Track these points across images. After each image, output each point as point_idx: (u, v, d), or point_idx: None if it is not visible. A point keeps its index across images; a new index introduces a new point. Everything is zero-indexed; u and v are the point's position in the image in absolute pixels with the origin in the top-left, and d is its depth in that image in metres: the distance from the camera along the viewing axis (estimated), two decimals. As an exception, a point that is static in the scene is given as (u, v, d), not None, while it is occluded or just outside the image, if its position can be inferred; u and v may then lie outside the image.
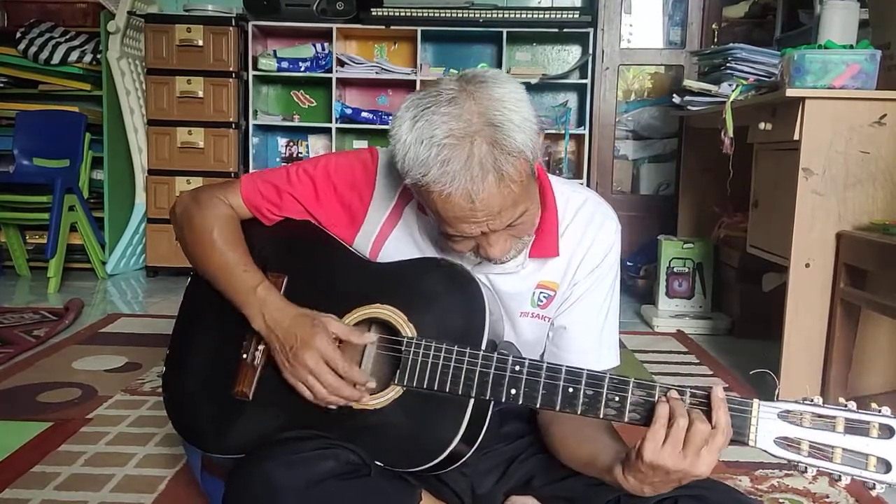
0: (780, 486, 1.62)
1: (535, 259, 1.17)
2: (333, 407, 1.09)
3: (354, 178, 1.20)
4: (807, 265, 2.09)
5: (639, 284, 3.69)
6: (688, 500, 1.03)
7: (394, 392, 1.08)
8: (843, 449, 0.87)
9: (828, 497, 1.57)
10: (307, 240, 1.22)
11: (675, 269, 3.23)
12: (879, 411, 0.88)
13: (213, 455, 1.19)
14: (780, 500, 1.56)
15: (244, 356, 1.16)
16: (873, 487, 0.87)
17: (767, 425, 0.90)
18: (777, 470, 1.70)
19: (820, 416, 0.89)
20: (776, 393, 0.95)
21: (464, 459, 1.08)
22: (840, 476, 0.88)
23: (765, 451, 0.90)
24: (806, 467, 0.89)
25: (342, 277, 1.18)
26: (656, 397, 0.94)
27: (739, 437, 0.91)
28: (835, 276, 2.07)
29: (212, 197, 1.23)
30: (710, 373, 2.51)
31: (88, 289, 3.67)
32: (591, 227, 1.18)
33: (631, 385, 0.96)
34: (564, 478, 1.15)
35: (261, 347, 1.15)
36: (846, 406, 0.89)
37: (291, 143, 4.27)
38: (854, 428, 0.88)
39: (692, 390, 0.94)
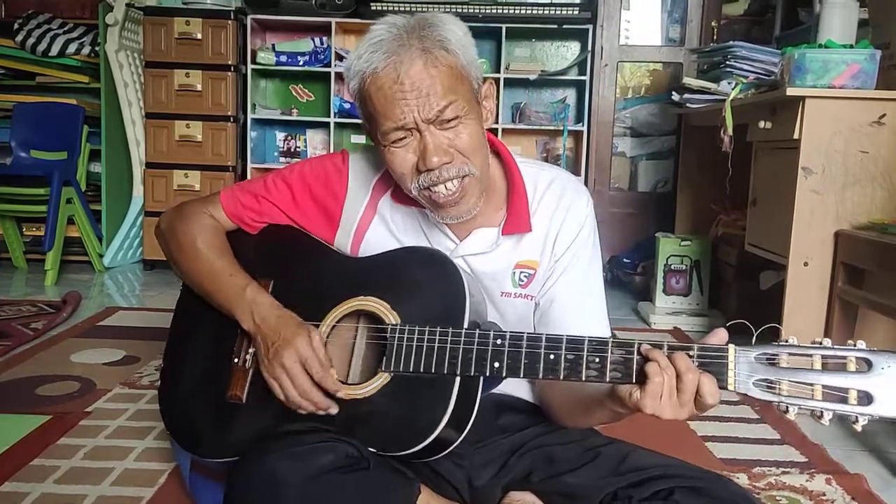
0: (778, 483, 1.63)
1: (509, 237, 1.20)
2: (303, 411, 1.10)
3: (328, 180, 1.25)
4: (805, 264, 2.10)
5: (636, 281, 3.70)
6: (684, 492, 1.05)
7: (381, 379, 1.09)
8: (823, 385, 0.88)
9: (824, 495, 1.58)
10: (289, 243, 1.26)
11: (672, 267, 3.24)
12: (854, 345, 0.89)
13: (210, 460, 1.19)
14: (778, 498, 1.56)
15: (235, 360, 1.18)
16: (856, 421, 0.88)
17: (745, 369, 0.92)
18: (774, 468, 1.71)
19: (796, 355, 0.90)
20: (753, 339, 0.97)
21: (455, 444, 1.09)
22: (822, 412, 0.88)
23: (745, 394, 0.91)
24: (787, 407, 0.89)
25: (325, 275, 1.21)
26: (635, 353, 0.96)
27: (718, 382, 0.92)
28: (833, 274, 2.08)
29: (195, 211, 1.27)
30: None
31: (86, 281, 3.67)
32: (562, 202, 1.22)
33: (610, 345, 0.98)
34: (564, 473, 1.16)
35: (251, 350, 1.17)
36: (821, 343, 0.90)
37: (290, 138, 4.26)
38: (831, 364, 0.89)
39: (669, 343, 0.96)
